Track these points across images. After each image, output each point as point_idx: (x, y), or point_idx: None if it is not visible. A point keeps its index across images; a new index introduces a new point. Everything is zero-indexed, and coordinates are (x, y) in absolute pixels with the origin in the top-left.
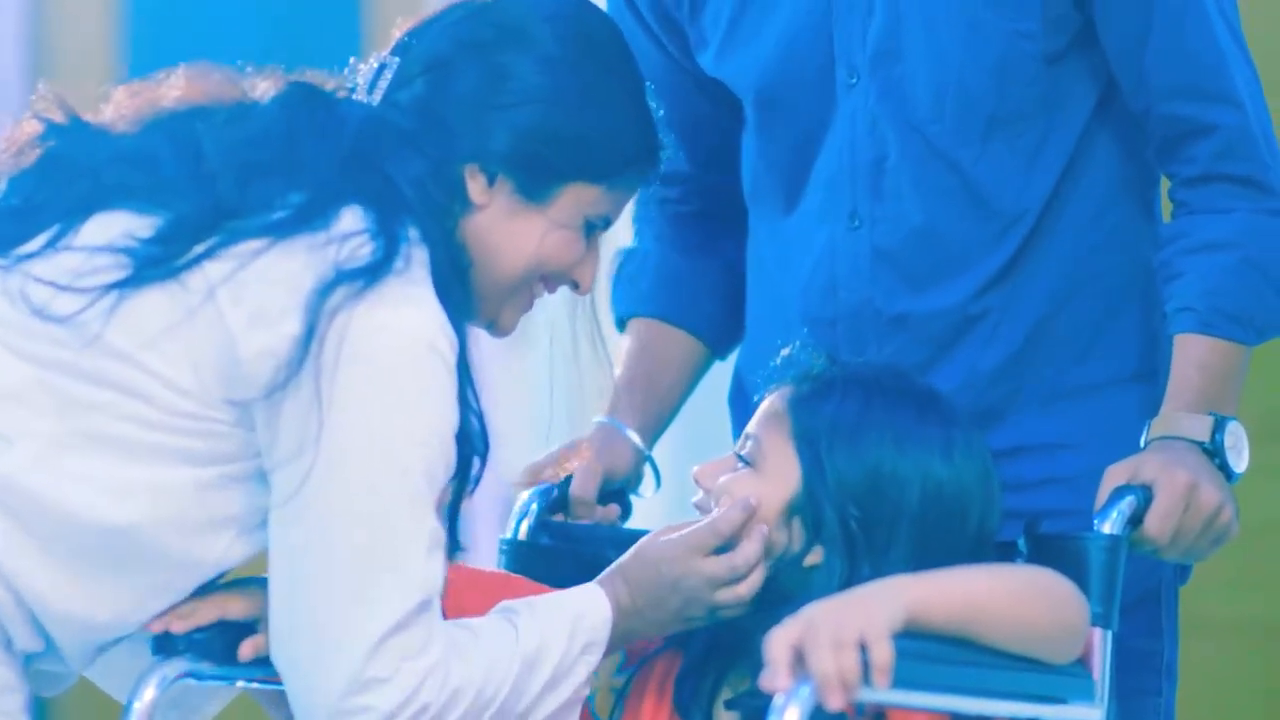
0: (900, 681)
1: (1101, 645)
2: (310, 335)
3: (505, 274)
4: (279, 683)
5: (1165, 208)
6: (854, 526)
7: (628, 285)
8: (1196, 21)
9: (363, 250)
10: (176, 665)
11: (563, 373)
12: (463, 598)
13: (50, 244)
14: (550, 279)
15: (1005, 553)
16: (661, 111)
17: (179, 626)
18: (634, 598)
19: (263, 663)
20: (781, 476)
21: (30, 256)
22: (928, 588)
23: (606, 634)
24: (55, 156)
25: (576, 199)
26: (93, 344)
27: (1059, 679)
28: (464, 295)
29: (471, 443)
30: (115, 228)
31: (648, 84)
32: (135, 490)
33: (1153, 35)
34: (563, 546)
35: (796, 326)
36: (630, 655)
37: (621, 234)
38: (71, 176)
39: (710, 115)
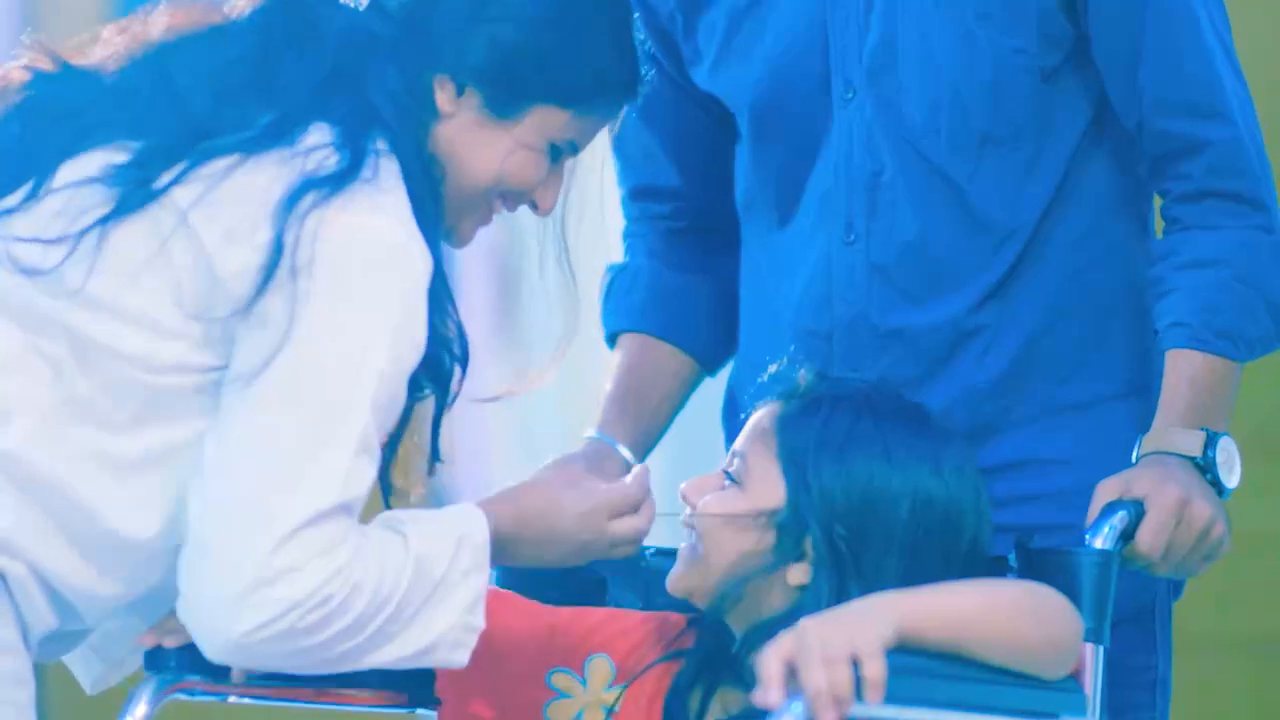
0: (892, 697)
1: (1093, 660)
2: (280, 240)
3: (465, 186)
4: (272, 698)
5: (1158, 225)
6: (841, 546)
7: (618, 301)
8: (1190, 38)
9: (329, 160)
10: (168, 679)
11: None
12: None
13: (31, 195)
14: (510, 197)
15: (996, 567)
16: (648, 45)
17: (171, 641)
18: (520, 527)
19: (257, 679)
20: (766, 494)
21: (11, 211)
22: (920, 603)
23: (486, 557)
24: (39, 102)
25: (544, 121)
26: (76, 297)
27: (1051, 694)
28: (436, 205)
29: (450, 352)
30: (94, 164)
31: (635, 16)
32: (134, 462)
33: (1146, 51)
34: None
35: (790, 340)
36: (621, 672)
37: (614, 250)
38: (56, 121)
39: (704, 132)
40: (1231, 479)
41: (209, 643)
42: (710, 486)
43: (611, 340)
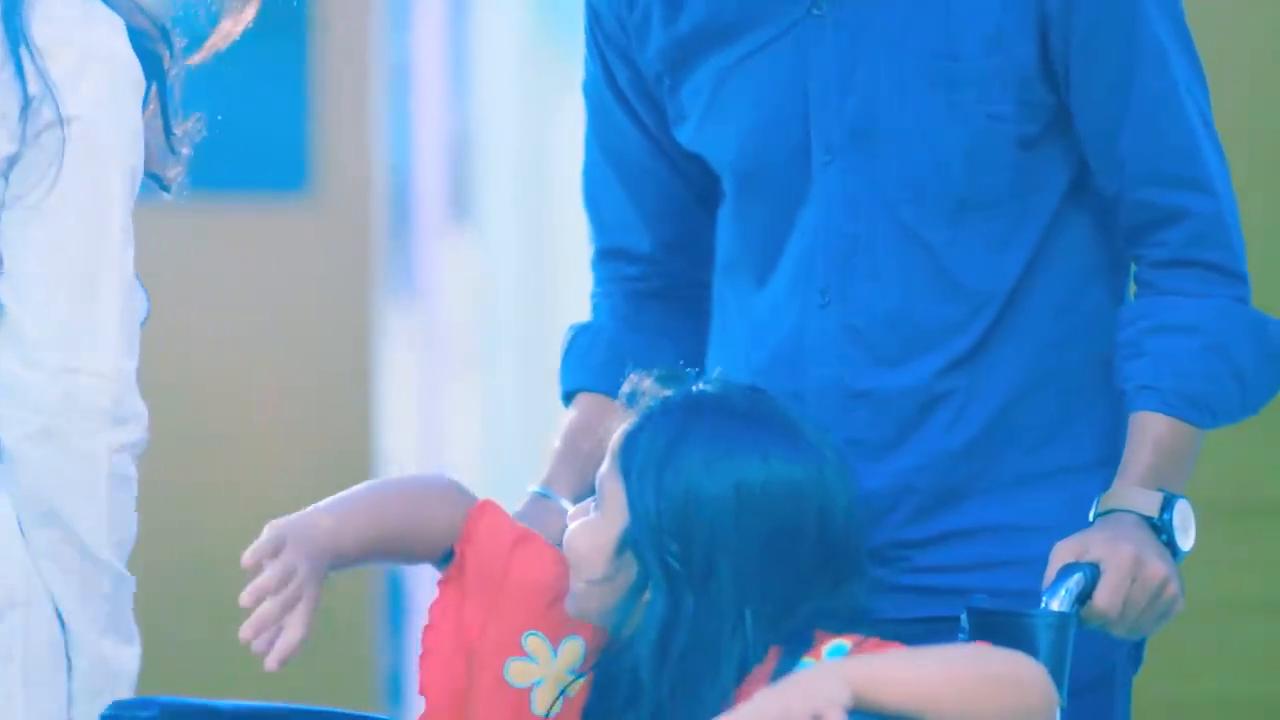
0: None
1: None
2: (15, 51)
3: None
4: None
5: (1132, 290)
6: (672, 562)
7: (577, 360)
8: (1172, 110)
9: None
10: None
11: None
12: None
13: None
14: None
15: (948, 630)
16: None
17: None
18: None
19: None
20: (616, 516)
21: None
22: (872, 668)
23: None
24: None
25: None
26: None
27: None
28: None
29: (151, 39)
30: None
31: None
32: None
33: (1128, 122)
34: None
35: None
36: (589, 660)
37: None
38: None
39: (681, 200)
40: (1186, 541)
41: None
42: (583, 513)
43: (568, 399)
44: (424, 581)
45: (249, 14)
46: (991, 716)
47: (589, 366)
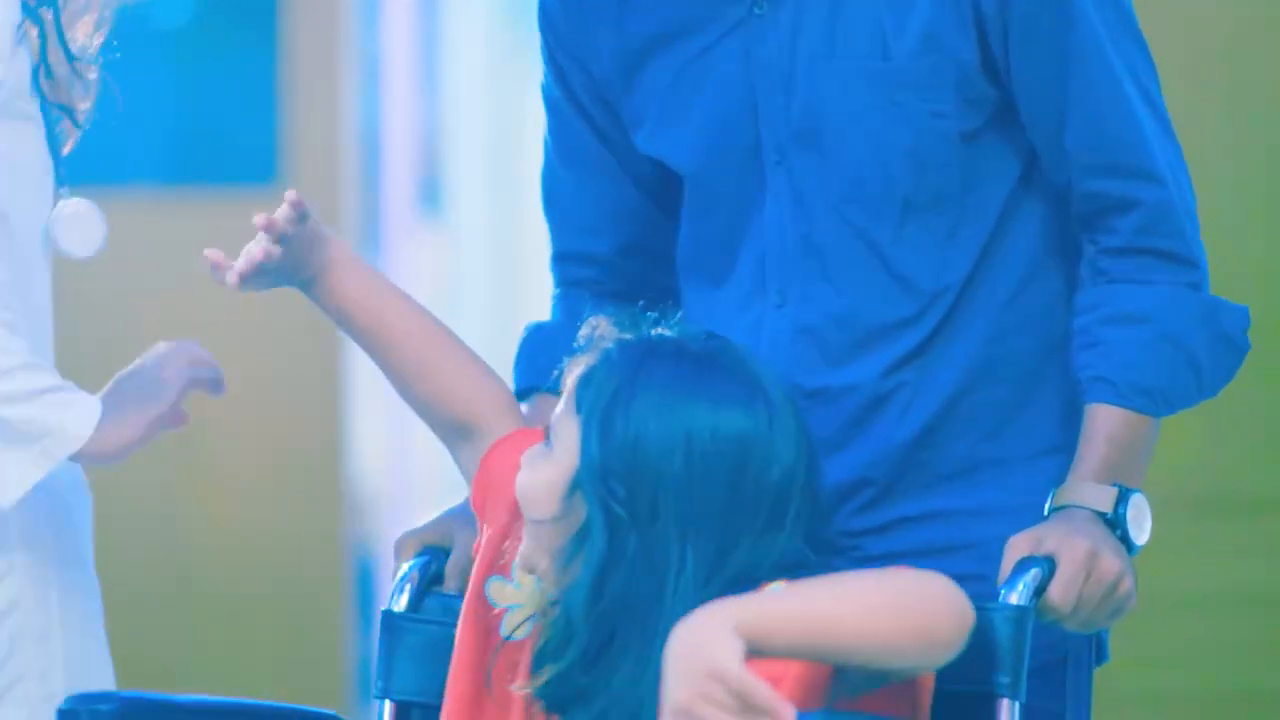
0: None
1: (1010, 716)
2: None
3: None
4: None
5: None
6: (615, 506)
7: (530, 359)
8: (1112, 100)
9: None
10: None
11: None
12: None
13: None
14: None
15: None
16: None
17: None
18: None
19: None
20: (567, 456)
21: None
22: (762, 607)
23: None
24: None
25: None
26: None
27: None
28: None
29: None
30: None
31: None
32: None
33: (1069, 116)
34: (451, 620)
35: None
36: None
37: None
38: None
39: (638, 203)
40: (1141, 536)
41: None
42: (536, 455)
43: (521, 396)
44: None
45: None
46: (893, 639)
47: (541, 366)
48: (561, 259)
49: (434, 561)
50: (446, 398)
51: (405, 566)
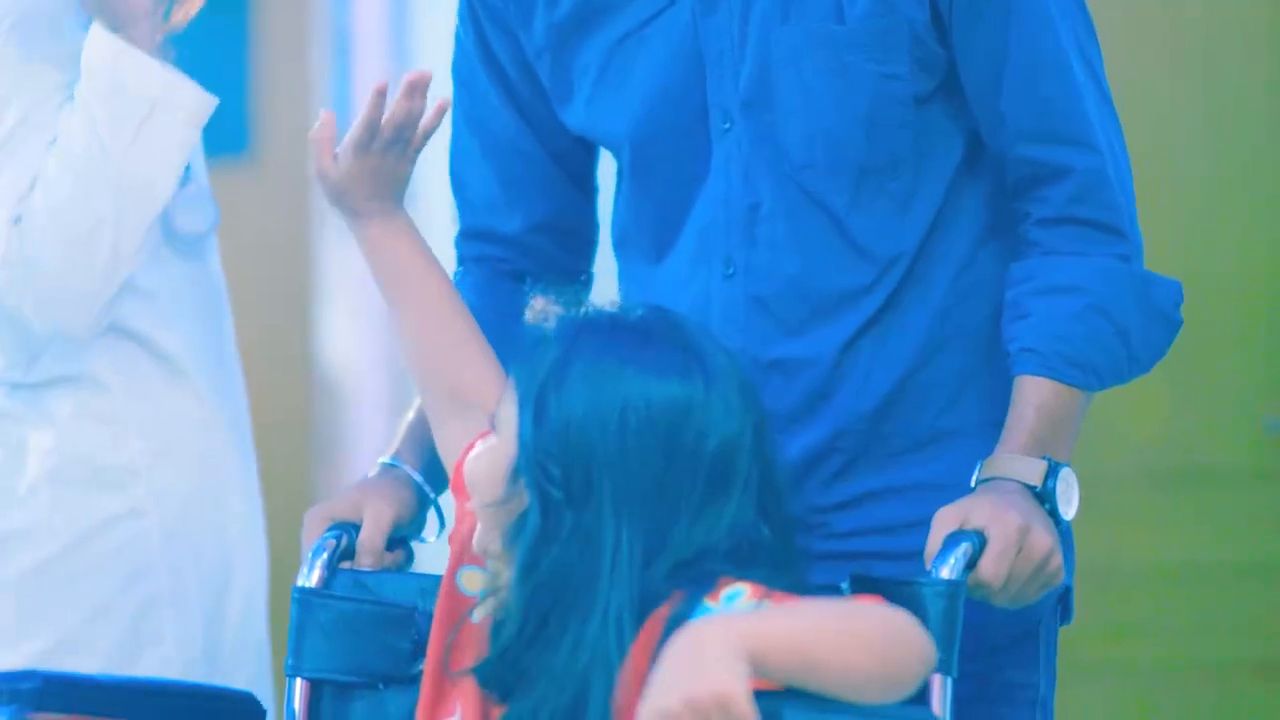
0: None
1: (941, 691)
2: None
3: None
4: None
5: None
6: (550, 487)
7: None
8: (1052, 65)
9: None
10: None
11: None
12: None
13: None
14: None
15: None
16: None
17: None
18: None
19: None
20: (509, 440)
21: None
22: (763, 636)
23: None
24: None
25: None
26: None
27: None
28: None
29: None
30: None
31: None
32: None
33: (1007, 78)
34: (365, 596)
35: None
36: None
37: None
38: None
39: (554, 181)
40: (1069, 510)
41: None
42: (486, 438)
43: None
44: None
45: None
46: (869, 677)
47: None
48: (467, 237)
49: (345, 536)
50: (464, 370)
51: (316, 542)
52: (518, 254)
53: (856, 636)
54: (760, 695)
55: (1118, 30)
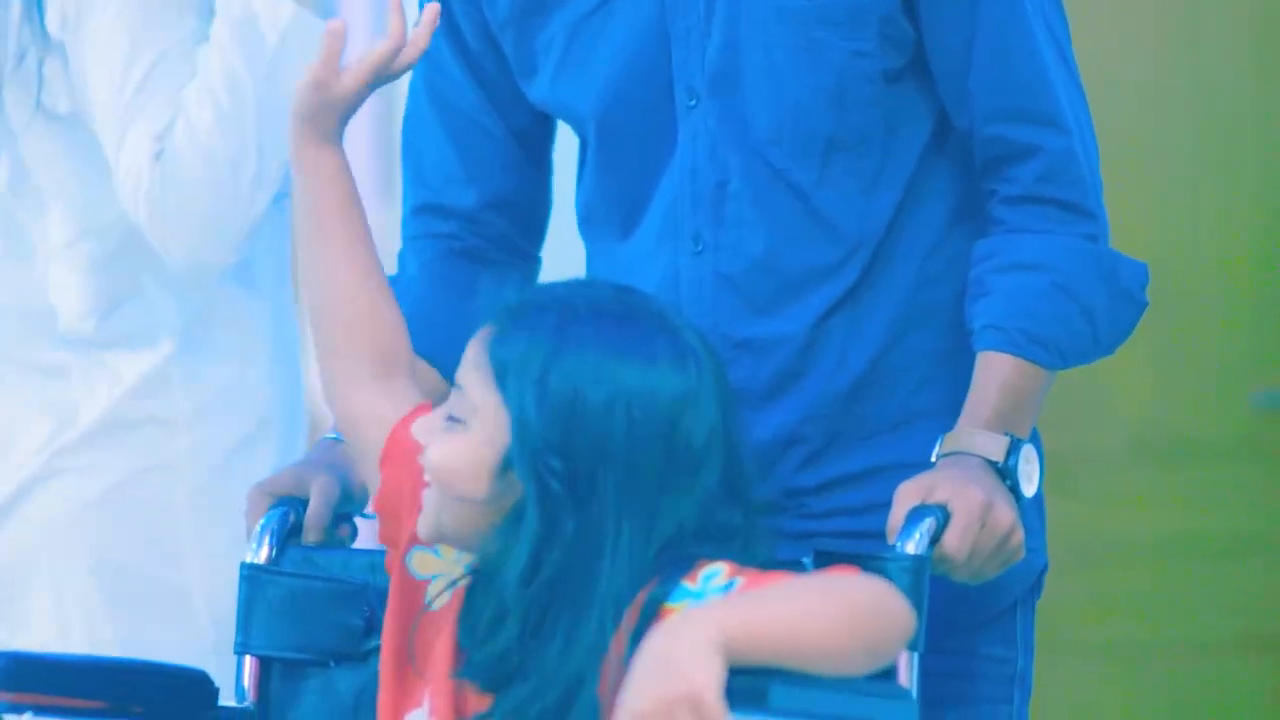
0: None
1: (908, 667)
2: None
3: None
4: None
5: None
6: (552, 481)
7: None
8: (1021, 44)
9: None
10: None
11: None
12: None
13: None
14: None
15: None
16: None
17: None
18: None
19: (67, 689)
20: (495, 431)
21: None
22: (739, 626)
23: None
24: None
25: None
26: None
27: (884, 703)
28: None
29: None
30: None
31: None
32: None
33: (975, 56)
34: (313, 572)
35: None
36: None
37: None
38: None
39: (512, 157)
40: (1029, 488)
41: None
42: (436, 428)
43: None
44: None
45: None
46: (850, 654)
47: (413, 330)
48: (418, 212)
49: (292, 512)
50: (382, 331)
51: (262, 518)
52: (469, 231)
53: (839, 612)
54: (747, 672)
55: (1102, 11)
